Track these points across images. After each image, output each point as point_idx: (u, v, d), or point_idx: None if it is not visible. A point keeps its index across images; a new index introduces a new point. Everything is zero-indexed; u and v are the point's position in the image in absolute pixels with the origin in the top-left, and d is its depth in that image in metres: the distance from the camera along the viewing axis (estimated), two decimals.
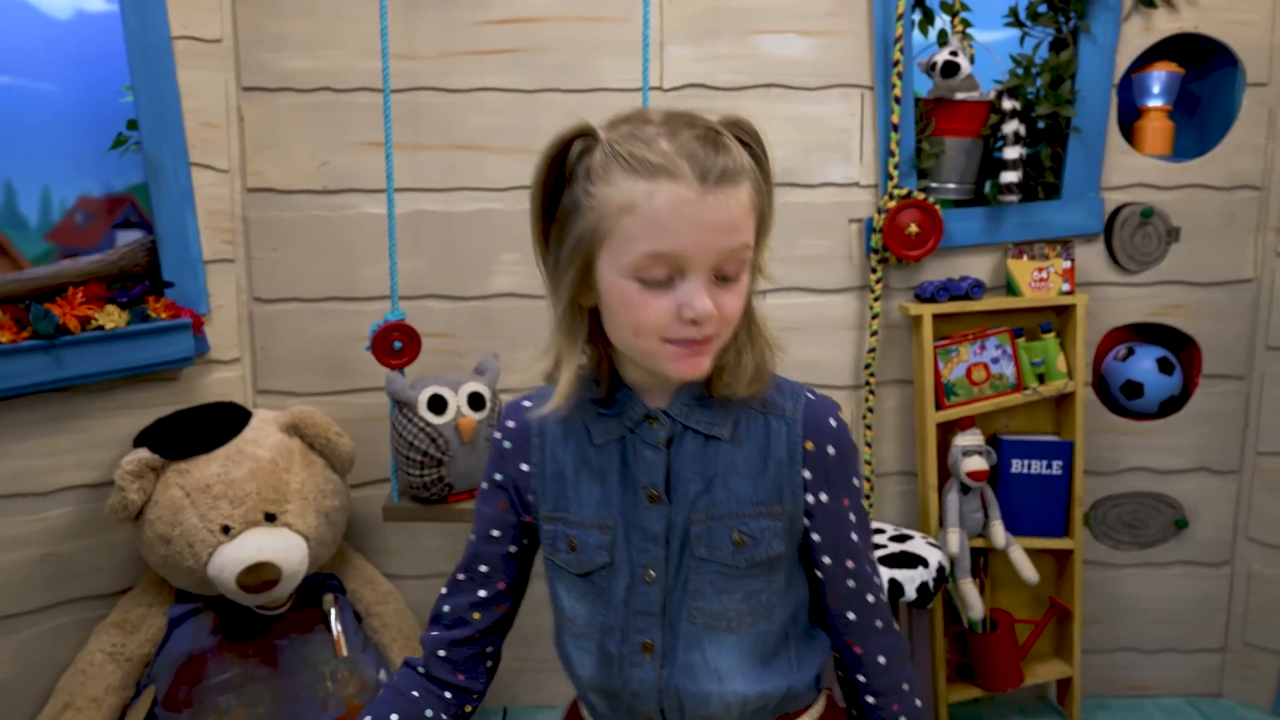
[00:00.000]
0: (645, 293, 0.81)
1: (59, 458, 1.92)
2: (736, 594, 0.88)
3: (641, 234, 0.79)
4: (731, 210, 0.80)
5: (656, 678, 0.89)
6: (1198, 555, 2.31)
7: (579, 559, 0.91)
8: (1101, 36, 2.11)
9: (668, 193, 0.78)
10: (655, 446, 0.89)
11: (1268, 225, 2.19)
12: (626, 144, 0.81)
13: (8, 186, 2.20)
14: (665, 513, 0.89)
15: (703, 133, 0.81)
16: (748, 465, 0.89)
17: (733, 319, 0.84)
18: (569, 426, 0.93)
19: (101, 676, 1.86)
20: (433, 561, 2.24)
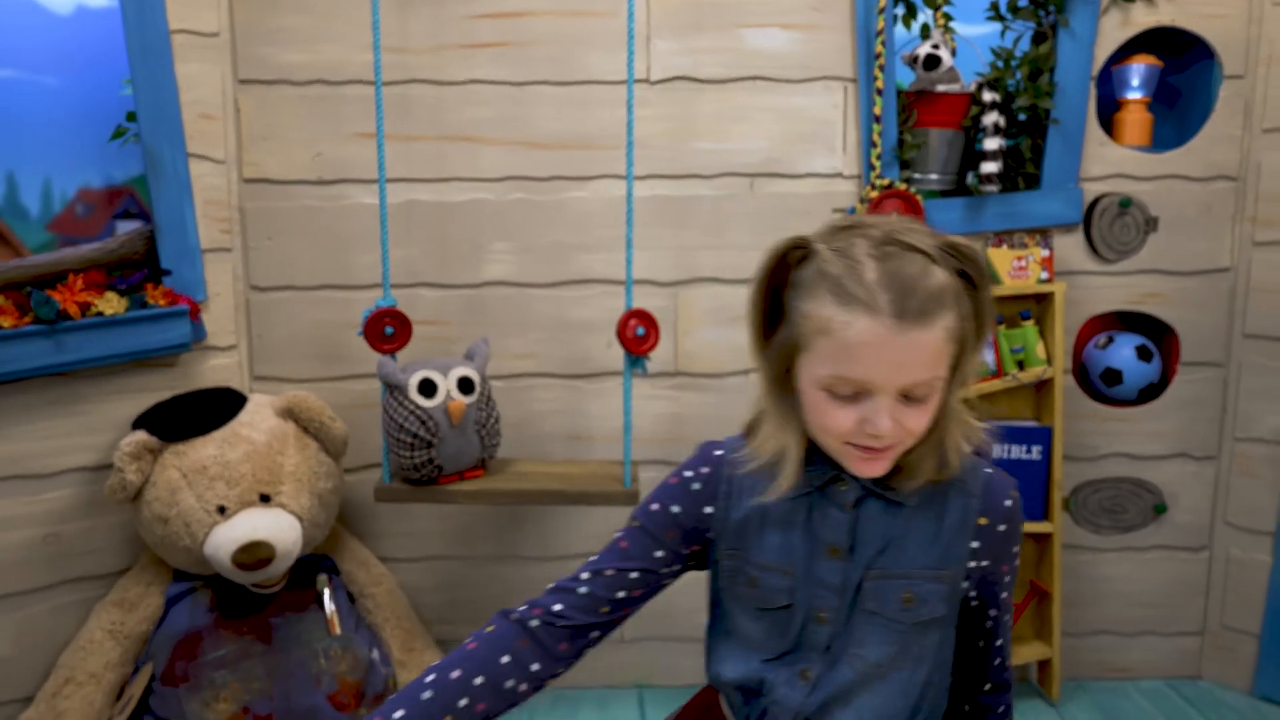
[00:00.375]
0: (832, 403, 0.88)
1: (60, 440, 1.97)
2: (895, 646, 0.97)
3: (832, 357, 0.86)
4: (923, 348, 0.85)
5: (803, 702, 0.98)
6: (1177, 540, 2.35)
7: (759, 595, 0.99)
8: (1080, 30, 2.15)
9: (862, 326, 0.84)
10: (842, 508, 0.97)
11: (1244, 215, 2.23)
12: (835, 264, 0.86)
13: (10, 178, 2.25)
14: (844, 568, 0.96)
15: (913, 261, 0.84)
16: (923, 531, 0.96)
17: (915, 434, 0.90)
18: (758, 477, 0.99)
19: (101, 653, 1.92)
20: (425, 545, 2.29)
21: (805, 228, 2.17)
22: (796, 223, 2.17)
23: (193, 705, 1.84)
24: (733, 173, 2.19)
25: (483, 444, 1.96)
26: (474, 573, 2.31)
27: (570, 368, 2.24)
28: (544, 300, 2.21)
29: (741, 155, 2.19)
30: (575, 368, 2.23)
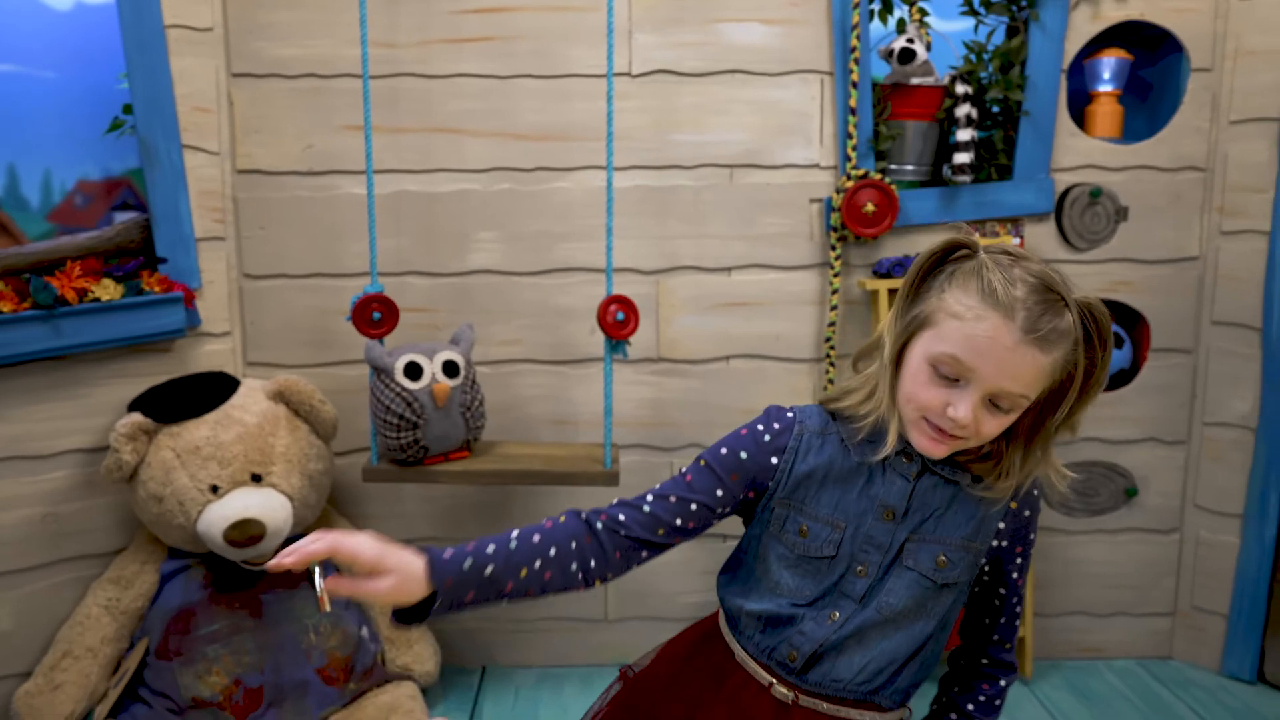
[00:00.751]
0: (933, 379, 1.00)
1: (58, 423, 2.03)
2: (917, 601, 1.09)
3: (954, 339, 0.97)
4: (1030, 366, 0.96)
5: (826, 636, 1.09)
6: (1148, 522, 2.41)
7: (806, 544, 1.09)
8: (1050, 24, 2.21)
9: (994, 323, 0.95)
10: (906, 478, 1.08)
11: (1212, 205, 2.29)
12: (995, 271, 0.97)
13: (10, 169, 2.32)
14: (893, 529, 1.08)
15: (1054, 299, 0.96)
16: (965, 508, 1.08)
17: (985, 437, 1.01)
18: (825, 440, 1.11)
19: (98, 628, 1.98)
20: (413, 527, 2.35)
21: (783, 218, 2.26)
22: (775, 213, 2.27)
23: (185, 678, 1.90)
24: (712, 164, 2.25)
25: (467, 426, 2.02)
26: None
27: (555, 354, 2.30)
28: (529, 288, 2.27)
29: (721, 147, 2.24)
30: (560, 354, 2.29)
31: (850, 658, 1.09)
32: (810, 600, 1.10)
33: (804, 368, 2.32)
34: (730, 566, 1.21)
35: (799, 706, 1.11)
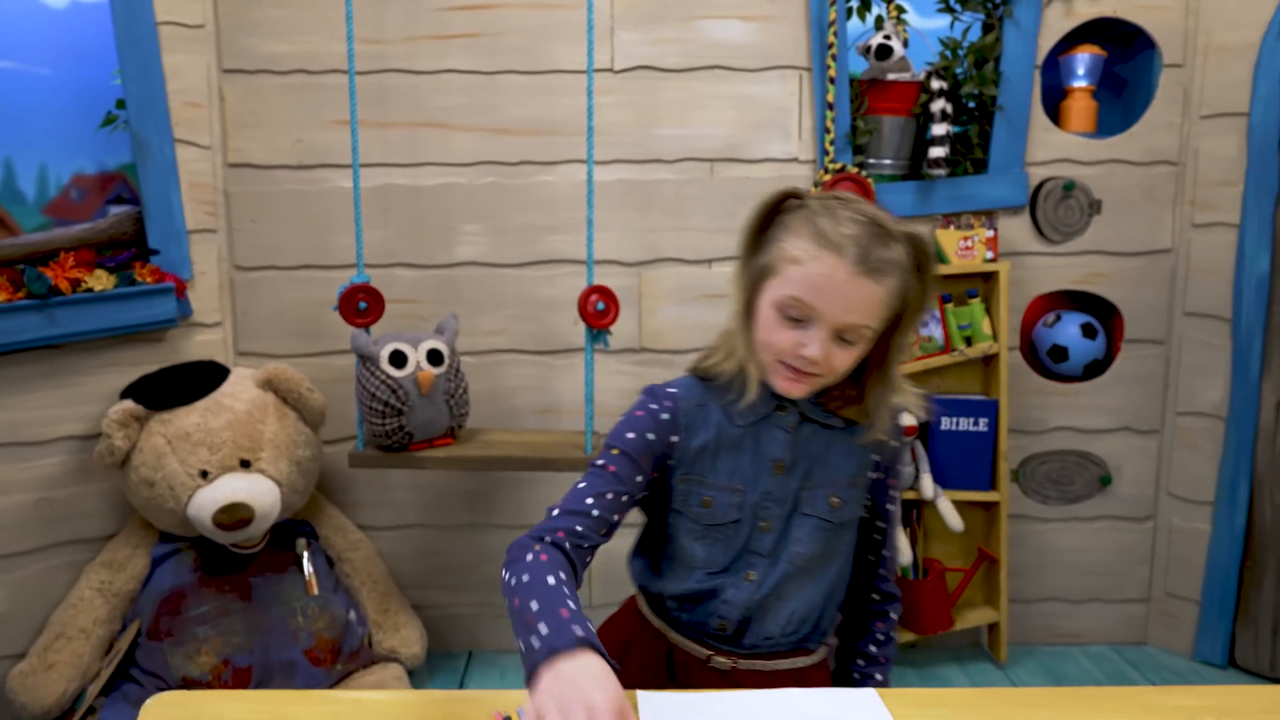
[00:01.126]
0: (782, 322, 1.04)
1: (53, 410, 2.08)
2: (821, 545, 1.14)
3: (795, 282, 1.02)
4: (867, 297, 1.01)
5: (749, 599, 1.13)
6: (1122, 510, 2.45)
7: (711, 514, 1.12)
8: (1024, 21, 2.25)
9: (828, 263, 1.00)
10: (786, 429, 1.12)
11: (1184, 198, 2.34)
12: (823, 215, 1.02)
13: (7, 164, 2.36)
14: (785, 480, 1.12)
15: (881, 233, 1.01)
16: (844, 448, 1.14)
17: (837, 369, 1.05)
18: (707, 412, 1.13)
19: (90, 610, 2.02)
20: (401, 514, 2.40)
21: None
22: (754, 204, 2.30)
23: (176, 658, 1.95)
24: (693, 158, 2.30)
25: (452, 413, 2.07)
26: (448, 540, 2.41)
27: (539, 344, 2.34)
28: (514, 280, 2.32)
29: (702, 141, 2.29)
30: (544, 344, 2.34)
31: (776, 614, 1.14)
32: (724, 567, 1.13)
33: None
34: (641, 551, 1.23)
35: (739, 671, 1.15)
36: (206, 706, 0.89)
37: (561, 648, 0.84)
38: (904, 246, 1.03)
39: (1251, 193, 2.22)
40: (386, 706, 0.94)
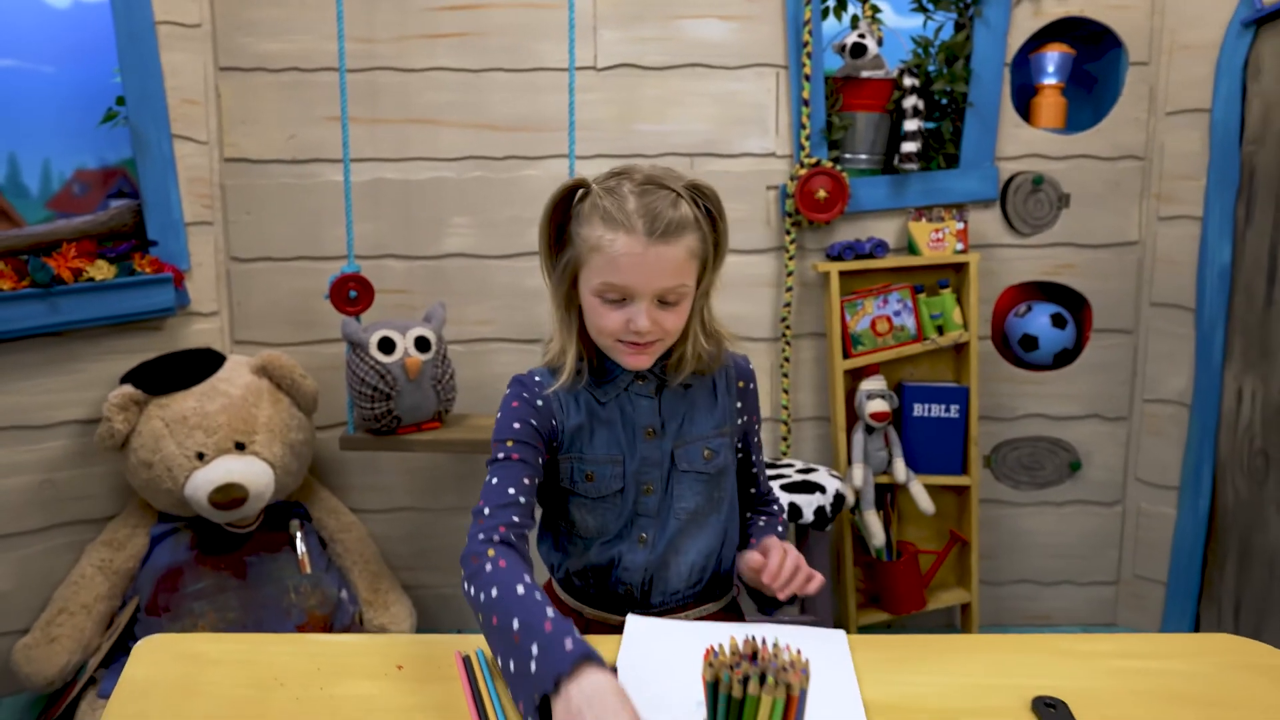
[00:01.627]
0: (605, 307, 1.10)
1: (55, 395, 2.16)
2: (704, 496, 1.21)
3: (603, 268, 1.08)
4: (670, 261, 1.07)
5: (646, 560, 1.20)
6: (1091, 495, 2.53)
7: (596, 487, 1.18)
8: (994, 20, 2.33)
9: (623, 243, 1.06)
10: (649, 396, 1.19)
11: (1150, 192, 2.41)
12: (606, 198, 1.08)
13: (11, 159, 2.44)
14: (659, 444, 1.19)
15: (663, 195, 1.07)
16: (706, 403, 1.22)
17: (672, 331, 1.13)
18: (575, 394, 1.19)
19: (92, 587, 2.11)
20: (392, 498, 2.48)
21: (741, 204, 2.38)
22: (733, 199, 2.38)
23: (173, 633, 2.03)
24: (674, 152, 2.37)
25: (439, 398, 2.15)
26: (437, 523, 2.49)
27: (525, 333, 2.42)
28: (501, 270, 2.40)
29: (682, 136, 2.37)
30: (530, 333, 2.42)
31: (676, 569, 1.21)
32: (617, 533, 1.20)
33: (763, 346, 2.45)
34: (542, 533, 1.29)
35: None
36: (191, 646, 0.97)
37: (564, 671, 0.84)
38: (688, 199, 1.09)
39: (1214, 187, 2.29)
40: (355, 647, 1.02)
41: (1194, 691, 0.92)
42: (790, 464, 2.29)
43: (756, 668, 0.59)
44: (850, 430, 2.37)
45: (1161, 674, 0.95)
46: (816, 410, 2.48)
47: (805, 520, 2.08)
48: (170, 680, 0.90)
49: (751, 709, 0.58)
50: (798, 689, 0.58)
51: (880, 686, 0.92)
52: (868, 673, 0.95)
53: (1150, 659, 0.98)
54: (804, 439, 2.49)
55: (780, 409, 2.46)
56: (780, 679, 0.58)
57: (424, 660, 0.96)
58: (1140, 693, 0.92)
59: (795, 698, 0.58)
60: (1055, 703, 0.87)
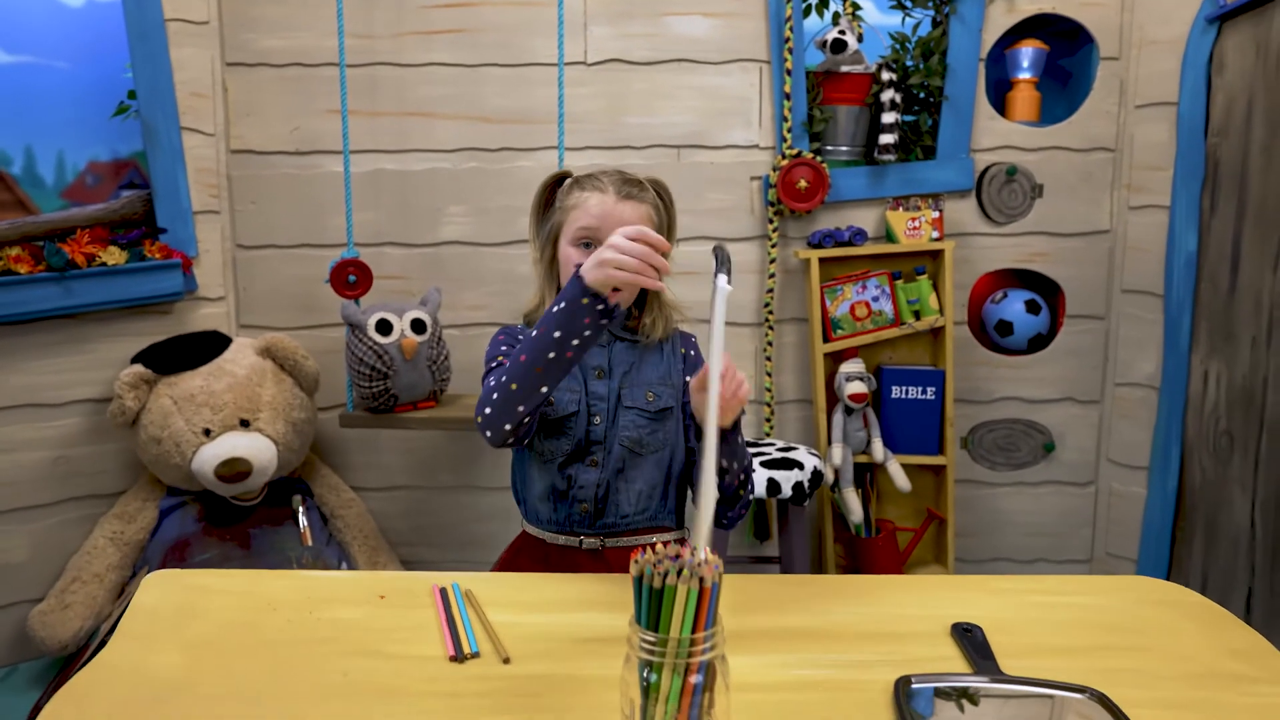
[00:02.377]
0: (578, 251, 1.34)
1: (69, 375, 2.27)
2: (646, 429, 1.38)
3: (580, 218, 1.34)
4: (635, 212, 1.34)
5: (597, 478, 1.37)
6: (1065, 476, 2.61)
7: (555, 410, 1.36)
8: (969, 16, 2.42)
9: (598, 198, 1.35)
10: (602, 346, 1.41)
11: (1120, 183, 2.49)
12: (583, 176, 1.39)
13: (28, 151, 2.55)
14: (607, 383, 1.39)
15: (628, 177, 1.38)
16: (654, 360, 1.42)
17: None
18: None
19: (104, 557, 2.22)
20: (391, 476, 2.58)
21: (726, 194, 2.48)
22: (718, 189, 2.49)
23: None
24: (661, 144, 2.47)
25: (434, 378, 2.25)
26: (435, 500, 2.60)
27: (518, 317, 2.48)
28: (495, 257, 2.50)
29: (669, 129, 2.47)
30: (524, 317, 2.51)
31: (626, 494, 1.38)
32: (569, 454, 1.36)
33: (747, 331, 2.54)
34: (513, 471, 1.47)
35: (608, 549, 1.38)
36: (194, 579, 1.07)
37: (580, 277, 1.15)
38: (648, 186, 1.38)
39: (1180, 177, 2.38)
40: (342, 580, 1.12)
41: (1102, 620, 1.01)
42: (772, 443, 2.38)
43: (676, 564, 0.68)
44: (830, 411, 2.47)
45: (1075, 607, 1.04)
46: (799, 393, 2.58)
47: (784, 495, 2.17)
48: (174, 606, 1.00)
49: (670, 598, 0.68)
50: (710, 581, 0.68)
51: (813, 616, 1.02)
52: (804, 605, 1.05)
53: (1067, 595, 1.08)
54: (787, 420, 2.59)
55: (764, 391, 2.55)
56: (695, 572, 0.68)
57: (404, 592, 1.06)
58: (1052, 621, 1.01)
59: (708, 589, 0.68)
60: (972, 628, 0.97)
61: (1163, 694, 0.85)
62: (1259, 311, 2.26)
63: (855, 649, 0.94)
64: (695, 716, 0.68)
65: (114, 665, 0.89)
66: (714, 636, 0.69)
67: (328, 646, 0.93)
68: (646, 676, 0.69)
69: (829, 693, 0.85)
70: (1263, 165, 2.23)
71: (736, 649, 0.87)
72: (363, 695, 0.84)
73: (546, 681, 0.87)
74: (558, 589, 1.11)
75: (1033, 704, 0.85)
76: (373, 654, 0.91)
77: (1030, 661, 0.90)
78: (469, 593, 1.05)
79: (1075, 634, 0.98)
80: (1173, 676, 0.89)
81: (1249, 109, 2.25)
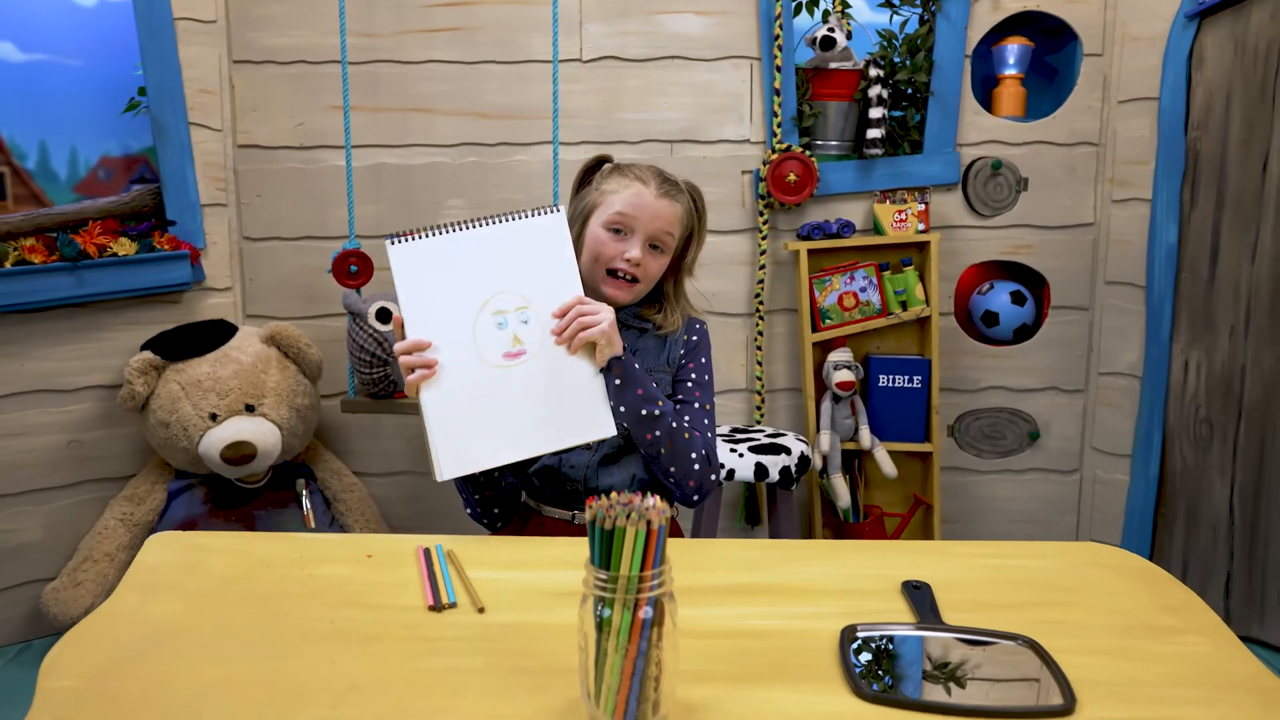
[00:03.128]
0: (609, 237, 1.39)
1: (82, 362, 2.35)
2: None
3: (617, 204, 1.38)
4: (670, 210, 1.40)
5: (588, 460, 1.41)
6: (1049, 463, 2.67)
7: None
8: (954, 15, 2.48)
9: (636, 188, 1.39)
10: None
11: (1104, 176, 2.55)
12: (624, 165, 1.45)
13: (42, 146, 2.63)
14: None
15: (667, 174, 1.43)
16: (657, 346, 1.46)
17: (651, 274, 1.41)
18: None
19: (114, 537, 2.30)
20: (392, 461, 2.66)
21: (718, 187, 2.55)
22: (710, 183, 2.55)
23: None
24: (655, 139, 2.54)
25: None
26: (435, 486, 2.64)
27: None
28: None
29: (662, 124, 2.53)
30: None
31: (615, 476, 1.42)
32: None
33: (738, 321, 2.61)
34: None
35: None
36: (194, 540, 1.15)
37: None
38: (684, 186, 1.43)
39: (1161, 171, 2.43)
40: (332, 541, 1.20)
41: (1046, 580, 1.07)
42: (761, 430, 2.45)
43: (626, 509, 0.75)
44: (819, 399, 2.53)
45: (1020, 569, 1.10)
46: (789, 381, 2.64)
47: (771, 479, 2.23)
48: (175, 564, 1.07)
49: (620, 539, 0.74)
50: (657, 524, 0.75)
51: (770, 575, 1.08)
52: (763, 566, 1.11)
53: (1015, 558, 1.14)
54: (778, 408, 2.65)
55: (755, 380, 2.62)
56: (642, 515, 0.74)
57: (390, 552, 1.13)
58: (998, 580, 1.07)
59: (655, 530, 0.74)
60: (921, 585, 1.03)
61: (1091, 642, 0.92)
62: (1237, 301, 2.32)
63: (808, 603, 1.00)
64: (644, 649, 0.75)
65: (117, 614, 0.96)
66: (661, 575, 0.75)
67: (317, 599, 1.00)
68: (600, 612, 0.75)
69: (779, 640, 0.92)
70: (1240, 158, 2.29)
71: (692, 602, 0.94)
72: (348, 640, 0.91)
73: (517, 628, 0.94)
74: (535, 550, 1.18)
75: (969, 650, 0.91)
76: (358, 605, 0.98)
77: (972, 615, 0.97)
78: (450, 553, 1.12)
79: (1018, 592, 1.04)
80: (1103, 628, 0.95)
81: (1227, 104, 2.31)
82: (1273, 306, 2.23)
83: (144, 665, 0.85)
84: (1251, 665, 0.87)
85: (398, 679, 0.83)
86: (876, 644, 0.91)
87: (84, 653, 0.87)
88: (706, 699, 0.80)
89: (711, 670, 0.85)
